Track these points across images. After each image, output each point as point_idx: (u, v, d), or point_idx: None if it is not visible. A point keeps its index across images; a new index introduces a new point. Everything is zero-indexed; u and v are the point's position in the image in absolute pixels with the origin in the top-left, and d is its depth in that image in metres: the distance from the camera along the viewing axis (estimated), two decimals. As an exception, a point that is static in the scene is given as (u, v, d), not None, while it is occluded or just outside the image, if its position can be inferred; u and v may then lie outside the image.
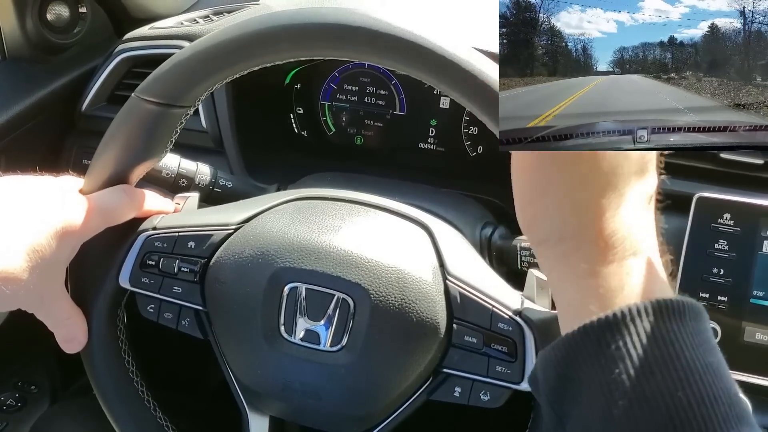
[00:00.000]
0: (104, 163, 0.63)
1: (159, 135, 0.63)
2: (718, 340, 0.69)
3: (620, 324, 0.36)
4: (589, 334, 0.37)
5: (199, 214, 0.68)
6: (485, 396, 0.60)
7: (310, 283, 0.59)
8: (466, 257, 0.64)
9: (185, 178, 0.75)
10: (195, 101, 0.62)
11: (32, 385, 1.10)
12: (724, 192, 0.73)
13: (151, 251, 0.64)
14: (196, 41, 0.60)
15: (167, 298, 0.64)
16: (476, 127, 1.00)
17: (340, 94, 1.04)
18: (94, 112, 0.98)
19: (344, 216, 0.64)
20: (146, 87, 0.61)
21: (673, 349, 0.35)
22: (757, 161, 0.76)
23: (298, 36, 0.57)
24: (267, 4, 1.02)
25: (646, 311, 0.36)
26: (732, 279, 0.71)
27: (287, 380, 0.60)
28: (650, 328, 0.35)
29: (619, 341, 0.35)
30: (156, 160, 0.65)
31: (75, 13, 1.02)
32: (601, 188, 0.40)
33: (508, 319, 0.58)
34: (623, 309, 0.36)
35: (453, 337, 0.60)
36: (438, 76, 0.55)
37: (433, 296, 0.59)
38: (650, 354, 0.35)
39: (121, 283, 0.65)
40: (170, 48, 0.92)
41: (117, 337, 0.67)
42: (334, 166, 0.99)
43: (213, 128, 0.93)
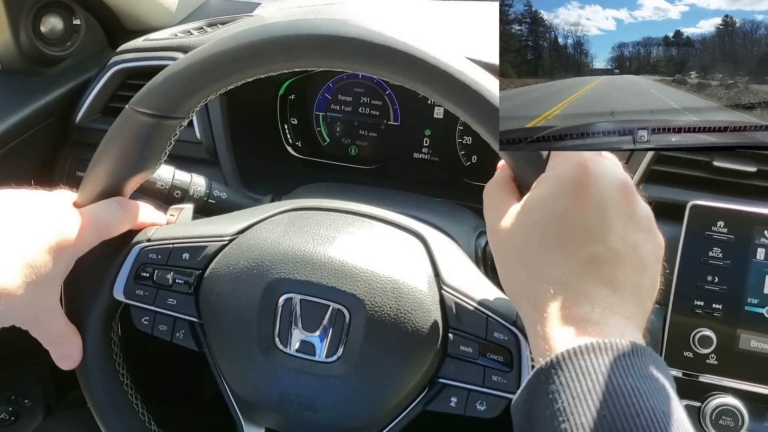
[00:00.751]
0: (98, 175, 0.63)
1: (153, 147, 0.62)
2: (713, 349, 0.70)
3: (561, 364, 0.42)
4: (539, 375, 0.43)
5: (194, 226, 0.67)
6: (481, 406, 0.60)
7: (305, 294, 0.59)
8: (461, 267, 0.64)
9: (179, 190, 0.75)
10: (189, 113, 0.62)
11: (26, 399, 1.09)
12: (718, 200, 0.74)
13: (146, 263, 0.64)
14: (190, 53, 0.60)
15: (162, 310, 0.64)
16: (470, 137, 1.00)
17: (334, 104, 1.05)
18: (88, 124, 0.98)
19: (339, 226, 0.64)
20: (140, 99, 0.61)
21: (600, 379, 0.40)
22: (750, 169, 0.76)
23: (291, 47, 0.57)
24: (261, 15, 1.02)
25: (580, 352, 0.41)
26: (726, 287, 0.71)
27: (283, 392, 0.60)
28: (584, 365, 0.41)
29: (560, 378, 0.41)
30: (150, 172, 0.65)
31: (69, 26, 1.02)
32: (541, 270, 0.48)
33: (504, 329, 0.58)
34: (559, 353, 0.42)
35: (448, 347, 0.60)
36: (431, 86, 0.55)
37: (428, 306, 0.59)
38: (583, 384, 0.40)
39: (115, 295, 0.64)
40: (164, 60, 0.92)
41: (111, 350, 0.66)
42: (329, 177, 0.99)
43: (207, 139, 0.93)
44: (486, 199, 0.55)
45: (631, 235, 0.48)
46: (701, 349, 0.70)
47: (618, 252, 0.47)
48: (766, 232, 0.71)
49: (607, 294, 0.45)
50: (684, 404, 0.72)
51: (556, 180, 0.49)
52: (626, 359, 0.41)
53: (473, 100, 0.54)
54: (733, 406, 0.70)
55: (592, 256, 0.46)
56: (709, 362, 0.71)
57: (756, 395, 0.70)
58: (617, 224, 0.47)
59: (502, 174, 0.55)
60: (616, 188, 0.48)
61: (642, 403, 0.39)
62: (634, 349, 0.42)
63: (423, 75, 0.55)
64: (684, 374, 0.71)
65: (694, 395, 0.72)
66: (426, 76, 0.55)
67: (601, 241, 0.47)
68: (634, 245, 0.48)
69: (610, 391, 0.39)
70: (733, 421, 0.69)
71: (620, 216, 0.48)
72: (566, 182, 0.49)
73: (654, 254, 0.49)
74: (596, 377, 0.40)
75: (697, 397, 0.71)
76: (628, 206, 0.49)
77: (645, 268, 0.48)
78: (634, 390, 0.40)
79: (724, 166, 0.76)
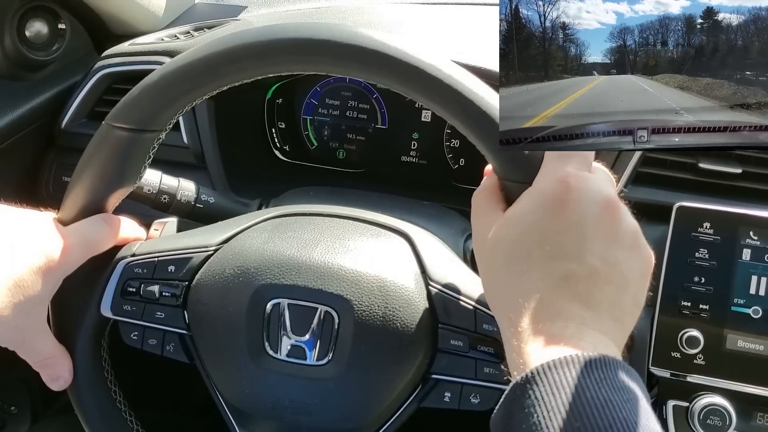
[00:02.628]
0: (79, 192, 0.62)
1: (132, 161, 0.62)
2: (700, 349, 0.70)
3: (535, 378, 0.42)
4: (515, 390, 0.43)
5: (178, 238, 0.67)
6: (475, 399, 0.60)
7: (293, 298, 0.59)
8: (447, 262, 0.64)
9: (167, 194, 0.74)
10: (166, 124, 0.61)
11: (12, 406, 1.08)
12: (704, 201, 0.74)
13: (132, 278, 0.64)
14: (164, 64, 0.59)
15: (150, 324, 0.64)
16: (458, 140, 1.01)
17: (321, 108, 1.05)
18: (74, 129, 0.97)
19: (322, 230, 0.64)
20: (116, 114, 0.60)
21: (574, 392, 0.41)
22: (735, 170, 0.76)
23: (263, 53, 0.56)
24: (248, 20, 1.02)
25: (553, 366, 0.42)
26: (713, 287, 0.71)
27: (276, 398, 0.60)
28: (557, 379, 0.41)
29: (534, 392, 0.42)
30: (131, 187, 0.64)
31: (54, 30, 1.01)
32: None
33: (493, 320, 0.58)
34: (533, 368, 0.43)
35: (439, 342, 0.60)
36: (406, 86, 0.54)
37: (416, 302, 0.60)
38: (557, 398, 0.41)
39: (103, 312, 0.64)
40: (151, 64, 0.92)
41: (102, 368, 0.66)
42: (317, 180, 0.99)
43: (194, 143, 0.92)
44: (474, 208, 0.55)
45: (612, 253, 0.48)
46: (689, 350, 0.71)
47: (596, 269, 0.47)
48: (751, 233, 0.71)
49: (582, 311, 0.46)
50: (672, 404, 0.73)
51: (539, 195, 0.49)
52: (599, 372, 0.41)
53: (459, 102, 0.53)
54: (721, 406, 0.70)
55: (568, 273, 0.47)
56: (696, 362, 0.71)
57: (743, 395, 0.71)
58: (597, 241, 0.47)
59: (490, 182, 0.55)
60: (598, 204, 0.48)
61: (615, 414, 0.39)
62: (606, 361, 0.42)
63: (397, 73, 0.54)
64: (672, 374, 0.71)
65: (682, 395, 0.72)
66: (400, 75, 0.54)
67: (577, 259, 0.47)
68: (615, 262, 0.47)
69: (584, 404, 0.40)
70: (720, 420, 0.70)
71: (601, 233, 0.48)
72: (547, 198, 0.49)
73: (639, 271, 0.49)
74: (569, 390, 0.41)
75: (685, 397, 0.72)
76: (612, 223, 0.48)
77: (627, 285, 0.48)
78: (607, 401, 0.40)
79: (709, 167, 0.77)
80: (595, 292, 0.46)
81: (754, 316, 0.70)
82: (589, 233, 0.47)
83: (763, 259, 0.71)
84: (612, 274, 0.47)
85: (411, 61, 0.53)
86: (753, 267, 0.71)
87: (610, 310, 0.47)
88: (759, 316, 0.70)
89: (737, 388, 0.71)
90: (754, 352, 0.70)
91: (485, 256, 0.52)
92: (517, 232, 0.49)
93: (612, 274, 0.47)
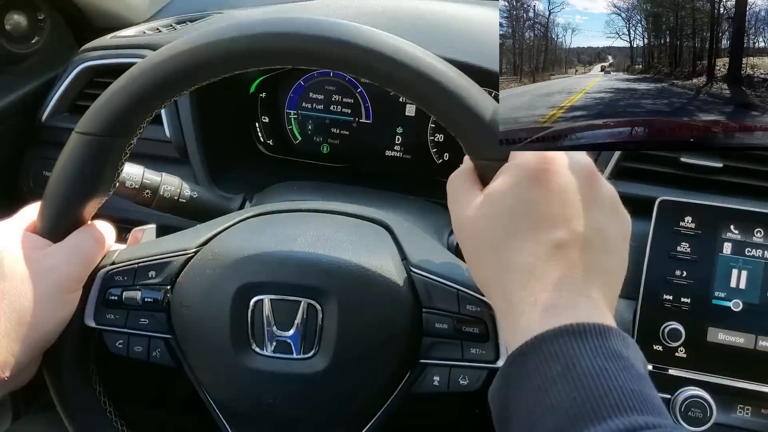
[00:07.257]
0: (58, 204, 0.61)
1: (104, 169, 0.60)
2: (682, 342, 0.71)
3: (531, 350, 0.43)
4: (512, 362, 0.44)
5: (157, 243, 0.66)
6: (464, 381, 0.60)
7: (275, 294, 0.59)
8: (427, 248, 0.65)
9: (149, 189, 0.73)
10: (136, 130, 0.60)
11: (-7, 403, 1.07)
12: (686, 195, 0.75)
13: (113, 286, 0.63)
14: (129, 69, 0.58)
15: (135, 331, 0.63)
16: (442, 134, 1.01)
17: (305, 102, 1.04)
18: (55, 123, 0.96)
19: (300, 224, 0.64)
20: (85, 122, 0.59)
21: (570, 362, 0.41)
22: (717, 165, 0.77)
23: (227, 51, 0.55)
24: (231, 13, 1.01)
25: (549, 337, 0.42)
26: (694, 281, 0.72)
27: (266, 394, 0.60)
28: (553, 349, 0.42)
29: (531, 363, 0.42)
30: (107, 194, 0.62)
31: (34, 22, 1.00)
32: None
33: (476, 300, 0.59)
34: (529, 339, 0.43)
35: (424, 326, 0.60)
36: (370, 73, 0.54)
37: (398, 289, 0.60)
38: (553, 368, 0.41)
39: (86, 322, 0.63)
40: (132, 57, 0.91)
41: (91, 378, 0.65)
42: (301, 175, 0.99)
43: (177, 138, 0.92)
44: (449, 191, 0.55)
45: (595, 218, 0.48)
46: (670, 343, 0.71)
47: (583, 236, 0.47)
48: (732, 227, 0.72)
49: (574, 278, 0.46)
50: (654, 397, 0.73)
51: (519, 168, 0.50)
52: (594, 340, 0.42)
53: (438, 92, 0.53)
54: (702, 398, 0.71)
55: (557, 241, 0.47)
56: (678, 355, 0.72)
57: (724, 387, 0.72)
58: (581, 208, 0.48)
59: (466, 165, 0.56)
60: (578, 172, 0.49)
61: (610, 382, 0.40)
62: (601, 330, 0.42)
63: (354, 62, 0.54)
64: (654, 367, 0.72)
65: (664, 388, 0.73)
66: (351, 61, 0.54)
67: (565, 226, 0.47)
68: (600, 228, 0.48)
69: (579, 373, 0.40)
70: (701, 412, 0.71)
71: (583, 200, 0.48)
72: (528, 170, 0.49)
73: (620, 235, 0.50)
74: (565, 360, 0.41)
75: (667, 390, 0.72)
76: (591, 189, 0.49)
77: (611, 250, 0.49)
78: (602, 370, 0.40)
79: (691, 162, 0.77)
80: (585, 259, 0.47)
81: (735, 309, 0.71)
82: (572, 200, 0.48)
83: (744, 253, 0.72)
84: (598, 239, 0.48)
85: (369, 44, 0.53)
86: (733, 260, 0.72)
87: (600, 275, 0.47)
88: (739, 309, 0.71)
89: (718, 381, 0.72)
90: (735, 344, 0.71)
91: (468, 236, 0.52)
92: (500, 206, 0.49)
93: (598, 239, 0.48)
